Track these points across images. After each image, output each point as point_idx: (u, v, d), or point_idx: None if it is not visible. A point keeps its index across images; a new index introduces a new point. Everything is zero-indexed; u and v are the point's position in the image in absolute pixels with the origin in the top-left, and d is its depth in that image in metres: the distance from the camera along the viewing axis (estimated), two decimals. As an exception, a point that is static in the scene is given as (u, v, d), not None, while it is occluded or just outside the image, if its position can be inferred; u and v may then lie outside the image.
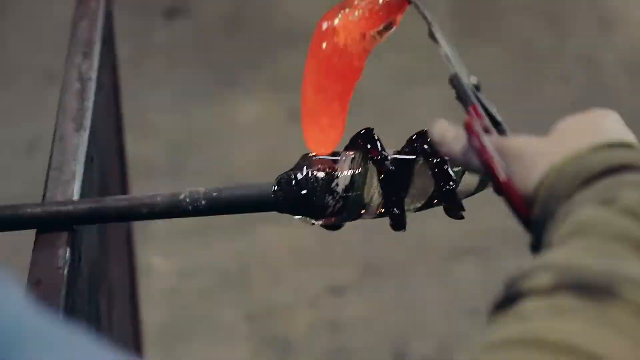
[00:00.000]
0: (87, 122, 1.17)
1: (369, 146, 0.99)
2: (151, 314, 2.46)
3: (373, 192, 0.99)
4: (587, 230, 0.64)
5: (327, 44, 0.98)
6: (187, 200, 1.01)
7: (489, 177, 0.77)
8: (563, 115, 3.01)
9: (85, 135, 1.15)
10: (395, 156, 1.00)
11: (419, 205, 1.01)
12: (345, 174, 0.99)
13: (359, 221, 2.80)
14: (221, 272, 2.56)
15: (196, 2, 3.50)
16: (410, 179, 0.99)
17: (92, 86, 1.23)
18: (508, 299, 0.59)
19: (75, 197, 1.04)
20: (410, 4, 0.96)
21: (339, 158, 1.00)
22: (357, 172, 0.99)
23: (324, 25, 0.98)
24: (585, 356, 0.54)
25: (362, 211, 1.00)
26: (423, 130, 0.99)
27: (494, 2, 3.47)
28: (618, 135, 0.74)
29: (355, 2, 0.98)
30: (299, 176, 1.00)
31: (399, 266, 2.57)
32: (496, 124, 0.83)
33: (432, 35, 0.90)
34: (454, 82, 0.85)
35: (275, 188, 1.02)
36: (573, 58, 3.19)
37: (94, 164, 1.17)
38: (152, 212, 1.01)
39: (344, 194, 0.99)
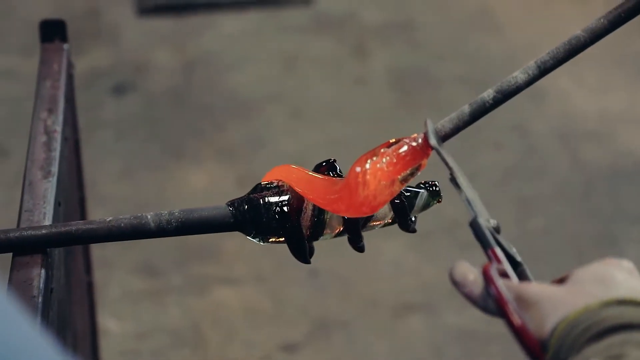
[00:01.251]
0: (55, 170, 1.21)
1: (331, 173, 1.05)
2: (108, 376, 2.46)
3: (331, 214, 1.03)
4: None
5: (359, 197, 0.98)
6: (151, 222, 1.04)
7: (505, 320, 0.77)
8: (505, 178, 3.09)
9: (53, 181, 1.19)
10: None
11: (375, 223, 1.06)
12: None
13: (308, 280, 2.82)
14: (176, 332, 2.57)
15: (143, 78, 3.55)
16: None
17: (57, 138, 1.27)
18: None
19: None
20: (433, 149, 0.97)
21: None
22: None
23: (358, 175, 0.97)
24: None
25: (325, 231, 1.04)
26: None
27: (429, 74, 3.57)
28: (629, 290, 0.75)
29: (382, 150, 0.97)
30: (259, 198, 1.03)
31: (348, 322, 2.60)
32: (516, 264, 0.84)
33: (453, 181, 0.92)
34: (474, 225, 0.86)
35: (231, 209, 1.04)
36: (506, 127, 3.28)
37: (60, 209, 1.21)
38: (121, 233, 1.05)
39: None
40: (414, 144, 0.98)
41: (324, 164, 1.08)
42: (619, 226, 2.87)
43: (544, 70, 1.04)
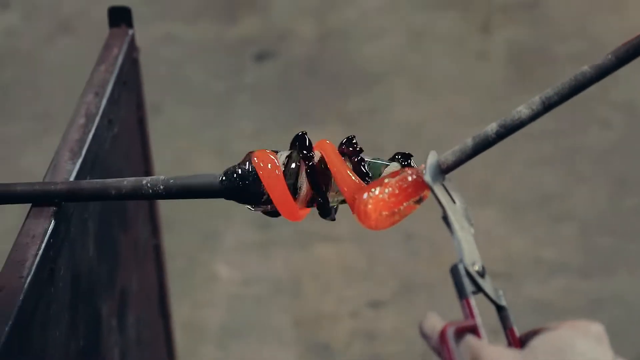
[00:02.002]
0: (83, 152, 1.18)
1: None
2: (213, 316, 2.49)
3: (301, 182, 0.99)
4: None
5: (363, 223, 0.93)
6: (149, 185, 1.03)
7: None
8: (605, 156, 2.86)
9: (78, 162, 1.16)
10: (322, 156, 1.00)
11: (342, 199, 1.00)
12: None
13: (403, 243, 2.74)
14: (277, 282, 2.56)
15: (283, 46, 3.52)
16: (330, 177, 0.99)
17: (96, 120, 1.24)
18: None
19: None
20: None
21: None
22: (291, 166, 1.00)
23: (361, 204, 0.92)
24: None
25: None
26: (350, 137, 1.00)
27: (548, 51, 3.37)
28: None
29: (386, 180, 0.92)
30: (241, 169, 1.01)
31: (433, 286, 2.51)
32: (499, 308, 0.81)
33: (445, 220, 0.84)
34: (453, 272, 0.80)
35: (222, 178, 1.02)
36: (617, 104, 3.04)
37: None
38: (119, 194, 1.05)
39: None
40: (415, 176, 0.91)
41: (346, 143, 1.01)
42: None
43: (548, 106, 0.94)
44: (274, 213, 1.02)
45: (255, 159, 1.01)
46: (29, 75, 3.51)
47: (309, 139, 1.01)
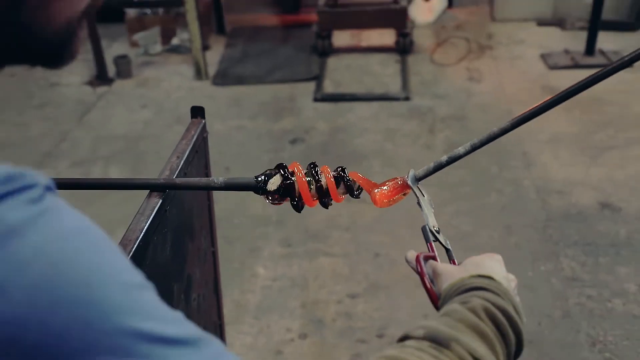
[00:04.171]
0: (167, 191, 1.23)
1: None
2: (252, 298, 2.49)
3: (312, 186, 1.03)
4: (449, 315, 0.68)
5: (375, 204, 0.98)
6: (215, 181, 1.07)
7: (422, 284, 0.78)
8: (499, 212, 2.87)
9: (162, 196, 1.20)
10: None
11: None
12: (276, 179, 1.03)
13: (373, 259, 2.73)
14: (293, 280, 2.57)
15: (308, 136, 3.58)
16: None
17: (176, 173, 1.28)
18: (402, 338, 0.67)
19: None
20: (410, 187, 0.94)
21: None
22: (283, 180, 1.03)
23: (371, 196, 0.98)
24: None
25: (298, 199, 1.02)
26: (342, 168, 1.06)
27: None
28: (489, 270, 0.75)
29: (386, 182, 0.98)
30: (273, 172, 1.04)
31: (390, 287, 2.50)
32: (447, 249, 0.86)
33: (419, 205, 0.91)
34: (423, 230, 0.86)
35: (258, 179, 1.03)
36: (507, 180, 3.06)
37: (167, 214, 1.22)
38: (198, 185, 1.09)
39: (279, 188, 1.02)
40: (401, 181, 0.98)
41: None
42: (561, 248, 2.62)
43: (474, 148, 0.99)
44: (297, 206, 1.02)
45: (295, 169, 1.05)
46: (155, 148, 3.60)
47: (315, 164, 1.07)
